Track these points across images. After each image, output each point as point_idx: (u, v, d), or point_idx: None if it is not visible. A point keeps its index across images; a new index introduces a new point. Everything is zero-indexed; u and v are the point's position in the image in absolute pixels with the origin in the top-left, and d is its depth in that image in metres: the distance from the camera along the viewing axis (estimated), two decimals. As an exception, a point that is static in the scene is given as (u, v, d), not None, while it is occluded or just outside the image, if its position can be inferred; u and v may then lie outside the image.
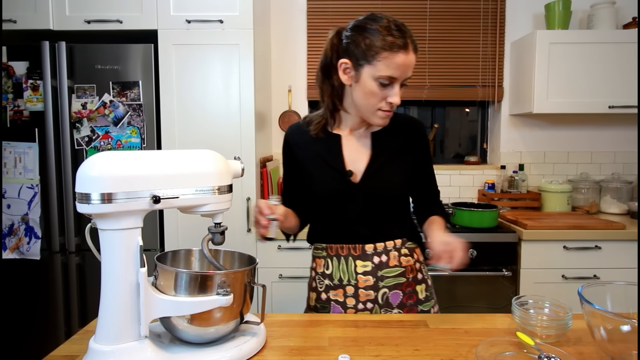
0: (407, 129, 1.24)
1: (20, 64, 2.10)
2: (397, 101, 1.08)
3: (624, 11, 2.70)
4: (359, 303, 1.20)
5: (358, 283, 1.19)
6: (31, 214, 2.15)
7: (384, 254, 1.20)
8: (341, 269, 1.21)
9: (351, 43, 1.09)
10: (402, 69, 1.05)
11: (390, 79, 1.06)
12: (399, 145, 1.22)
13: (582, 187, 2.71)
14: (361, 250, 1.20)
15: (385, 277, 1.20)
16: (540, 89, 2.45)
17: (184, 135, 2.17)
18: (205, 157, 0.92)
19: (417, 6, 2.74)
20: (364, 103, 1.11)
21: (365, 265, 1.19)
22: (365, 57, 1.06)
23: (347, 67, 1.10)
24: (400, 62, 1.04)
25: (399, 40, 1.04)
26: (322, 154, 1.21)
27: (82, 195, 0.80)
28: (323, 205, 1.23)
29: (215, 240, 0.96)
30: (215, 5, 2.13)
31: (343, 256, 1.21)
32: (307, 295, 1.32)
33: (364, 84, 1.08)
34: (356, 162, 1.20)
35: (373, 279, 1.19)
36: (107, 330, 0.84)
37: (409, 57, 1.05)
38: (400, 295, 1.21)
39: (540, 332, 0.98)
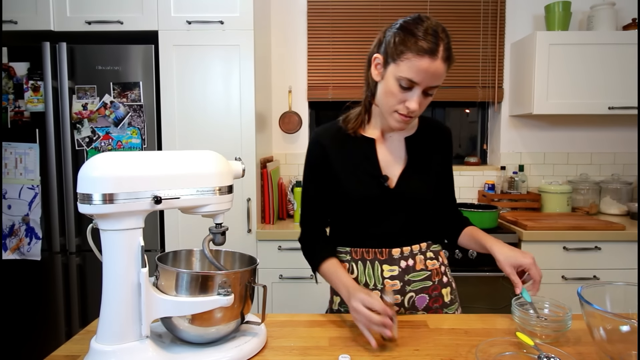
0: (438, 134, 1.24)
1: (21, 65, 2.11)
2: (413, 107, 1.04)
3: (623, 12, 2.71)
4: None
5: (385, 287, 1.18)
6: (32, 214, 2.15)
7: (411, 257, 1.19)
8: (367, 273, 1.19)
9: (387, 39, 1.06)
10: (423, 75, 1.00)
11: (410, 82, 1.02)
12: (431, 150, 1.22)
13: (582, 188, 2.72)
14: (388, 254, 1.18)
15: (412, 281, 1.19)
16: (540, 90, 2.46)
17: (184, 136, 2.18)
18: (207, 157, 0.92)
19: (417, 8, 2.74)
20: (383, 102, 1.09)
21: (392, 270, 1.18)
22: (392, 55, 1.03)
23: (378, 62, 1.09)
24: (423, 67, 0.99)
25: (428, 45, 0.99)
26: (356, 157, 1.18)
27: (83, 195, 0.80)
28: (354, 210, 1.19)
29: (216, 241, 0.96)
30: (215, 6, 2.13)
31: (369, 260, 1.19)
32: (330, 298, 1.31)
33: (386, 82, 1.06)
34: (391, 167, 1.18)
35: (400, 283, 1.18)
36: (109, 330, 0.84)
37: (435, 64, 0.99)
38: (427, 298, 1.20)
39: (540, 333, 0.98)
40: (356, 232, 1.21)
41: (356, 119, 1.20)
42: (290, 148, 2.84)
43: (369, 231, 1.20)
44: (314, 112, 2.93)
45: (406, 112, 1.06)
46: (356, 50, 2.76)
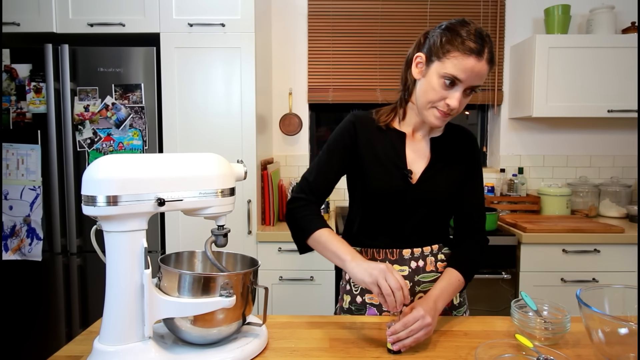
0: (463, 141, 1.25)
1: (24, 67, 2.12)
2: (454, 104, 1.05)
3: (622, 16, 2.72)
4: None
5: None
6: (33, 215, 2.16)
7: (421, 259, 1.20)
8: None
9: (431, 39, 1.09)
10: (468, 73, 1.03)
11: (454, 79, 1.04)
12: (454, 155, 1.22)
13: (581, 191, 2.73)
14: (398, 254, 1.20)
15: (422, 281, 1.20)
16: (540, 92, 2.47)
17: (185, 137, 2.19)
18: (209, 160, 0.93)
19: (417, 10, 2.76)
20: (422, 98, 1.11)
21: (402, 270, 1.19)
22: (437, 54, 1.06)
23: (420, 60, 1.11)
24: (468, 66, 1.02)
25: (475, 46, 1.02)
26: (385, 148, 1.19)
27: (88, 197, 0.81)
28: (373, 201, 1.19)
29: (218, 243, 0.97)
30: (217, 9, 2.14)
31: (379, 260, 1.20)
32: (340, 296, 1.30)
33: (429, 78, 1.08)
34: (415, 164, 1.19)
35: (410, 283, 1.19)
36: (112, 330, 0.85)
37: (480, 64, 1.03)
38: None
39: (539, 335, 0.99)
40: (370, 227, 1.22)
41: (389, 113, 1.22)
42: (290, 150, 2.85)
43: (383, 227, 1.20)
44: (314, 114, 2.94)
45: (446, 109, 1.07)
46: (356, 52, 2.77)
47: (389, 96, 2.75)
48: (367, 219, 1.23)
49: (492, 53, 1.05)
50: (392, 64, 2.76)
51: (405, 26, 2.76)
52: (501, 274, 2.21)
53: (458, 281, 1.15)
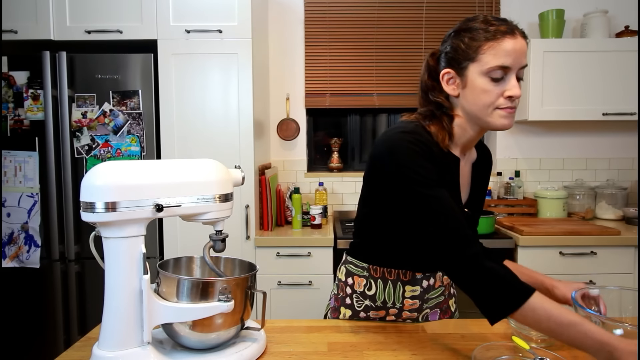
0: (487, 157, 1.20)
1: (21, 74, 2.12)
2: (516, 92, 0.93)
3: (616, 20, 2.75)
4: (397, 321, 1.18)
5: (404, 306, 1.16)
6: (31, 222, 2.16)
7: (432, 277, 1.17)
8: (387, 292, 1.15)
9: (449, 51, 0.99)
10: (513, 55, 0.92)
11: (502, 69, 0.92)
12: (483, 175, 1.18)
13: (578, 194, 2.74)
14: (411, 275, 1.14)
15: (430, 299, 1.18)
16: (535, 96, 2.49)
17: (183, 143, 2.19)
18: (207, 166, 0.94)
19: (413, 15, 2.78)
20: (478, 106, 0.97)
21: (414, 290, 1.15)
22: (468, 56, 0.95)
23: (450, 76, 1.00)
24: (509, 48, 0.91)
25: (502, 27, 0.92)
26: (446, 177, 1.03)
27: (86, 204, 0.82)
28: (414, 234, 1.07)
29: (217, 248, 0.98)
30: (214, 15, 2.16)
31: (391, 280, 1.14)
32: (334, 307, 1.23)
33: (472, 84, 0.96)
34: (462, 191, 1.12)
35: (419, 302, 1.16)
36: (111, 336, 0.85)
37: (519, 41, 0.92)
38: (439, 312, 1.21)
39: (535, 337, 0.99)
40: (396, 251, 1.11)
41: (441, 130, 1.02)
42: (288, 155, 2.86)
43: (413, 253, 1.11)
44: (311, 119, 2.96)
45: (510, 103, 0.95)
46: (353, 58, 2.79)
47: (385, 101, 2.77)
48: (396, 243, 1.11)
49: (521, 29, 0.95)
50: (388, 69, 2.78)
51: (401, 31, 2.78)
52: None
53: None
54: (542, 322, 0.82)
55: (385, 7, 2.77)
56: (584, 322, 0.79)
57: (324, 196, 2.71)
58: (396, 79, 2.78)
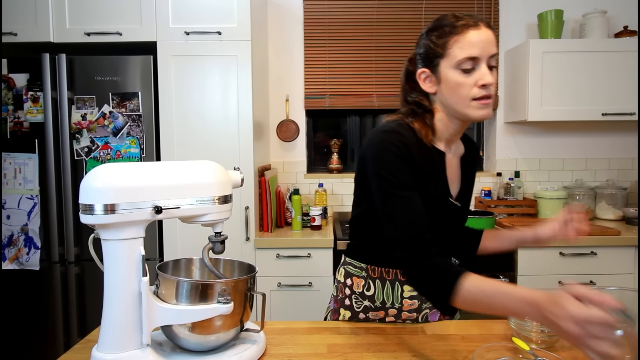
0: (474, 150, 1.22)
1: (21, 76, 2.13)
2: (488, 80, 0.96)
3: (615, 20, 2.75)
4: (397, 322, 1.17)
5: (403, 307, 1.15)
6: (31, 224, 2.16)
7: None
8: (385, 292, 1.15)
9: (422, 52, 1.05)
10: (479, 45, 0.96)
11: (471, 60, 0.96)
12: (471, 169, 1.19)
13: (578, 194, 2.74)
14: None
15: None
16: (534, 97, 2.49)
17: (182, 145, 2.19)
18: (206, 168, 0.94)
19: (412, 17, 2.78)
20: (454, 99, 1.00)
21: (413, 290, 1.14)
22: (438, 53, 1.00)
23: (425, 75, 1.05)
24: (474, 39, 0.96)
25: (466, 21, 0.97)
26: (431, 173, 1.06)
27: (85, 206, 0.82)
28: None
29: (216, 250, 0.98)
30: (213, 17, 2.16)
31: (389, 280, 1.15)
32: (334, 309, 1.23)
33: (446, 79, 1.00)
34: (451, 186, 1.12)
35: (418, 302, 1.16)
36: (110, 338, 0.85)
37: (482, 31, 0.97)
38: (439, 313, 1.20)
39: (535, 338, 0.99)
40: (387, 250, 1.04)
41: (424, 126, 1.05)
42: (287, 156, 2.86)
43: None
44: (311, 121, 2.96)
45: (484, 91, 0.98)
46: (352, 59, 2.79)
47: (385, 102, 2.77)
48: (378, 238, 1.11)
49: (485, 21, 0.99)
50: (388, 70, 2.78)
51: (400, 32, 2.78)
52: (499, 277, 2.22)
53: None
54: (480, 300, 0.83)
55: (384, 9, 2.77)
56: (516, 288, 0.80)
57: (323, 197, 2.71)
58: (395, 80, 2.78)
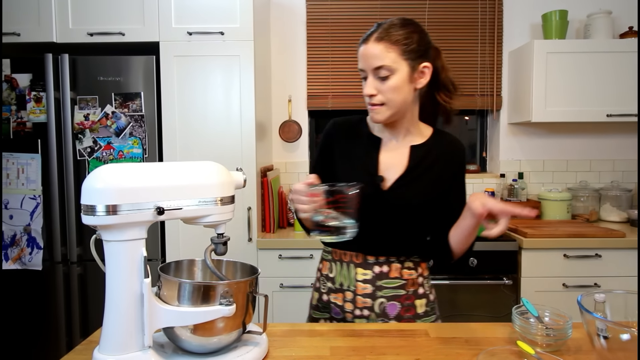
0: (449, 149, 1.22)
1: (24, 76, 2.13)
2: (365, 91, 1.12)
3: (620, 21, 2.73)
4: (356, 309, 1.20)
5: (357, 290, 1.19)
6: (33, 224, 2.16)
7: (386, 264, 1.20)
8: (342, 274, 1.22)
9: None
10: (362, 60, 1.12)
11: (361, 71, 1.14)
12: (437, 163, 1.19)
13: (582, 195, 2.72)
14: (363, 258, 1.20)
15: (384, 287, 1.19)
16: (539, 97, 2.48)
17: (185, 145, 2.19)
18: (208, 168, 0.93)
19: (416, 17, 2.75)
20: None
21: (365, 274, 1.19)
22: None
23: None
24: (361, 54, 1.12)
25: (366, 34, 1.12)
26: (359, 153, 1.22)
27: (87, 207, 0.81)
28: None
29: (218, 251, 0.97)
30: (216, 17, 2.16)
31: (345, 262, 1.21)
32: (311, 294, 1.33)
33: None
34: (389, 171, 1.18)
35: (371, 287, 1.19)
36: (112, 340, 0.85)
37: (367, 47, 1.10)
38: (398, 307, 1.20)
39: (540, 341, 0.98)
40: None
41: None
42: (290, 157, 2.85)
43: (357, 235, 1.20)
44: (313, 121, 2.95)
45: (368, 100, 1.13)
46: (355, 59, 2.77)
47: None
48: None
49: (385, 31, 1.09)
50: (391, 71, 2.77)
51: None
52: (502, 279, 2.20)
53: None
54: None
55: (387, 9, 2.76)
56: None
57: (326, 198, 2.70)
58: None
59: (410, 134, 1.22)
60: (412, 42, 1.09)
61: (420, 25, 1.14)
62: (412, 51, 1.09)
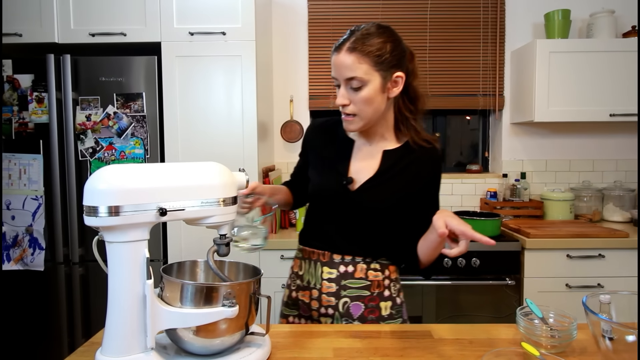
0: (424, 155, 1.20)
1: (26, 77, 2.13)
2: (337, 101, 1.11)
3: (623, 20, 2.72)
4: (321, 307, 1.21)
5: (322, 288, 1.21)
6: (35, 225, 2.16)
7: (351, 264, 1.20)
8: (310, 272, 1.24)
9: None
10: (334, 69, 1.10)
11: (334, 79, 1.12)
12: (407, 169, 1.18)
13: (585, 195, 2.71)
14: (329, 257, 1.22)
15: (348, 287, 1.20)
16: (541, 97, 2.47)
17: (187, 145, 2.19)
18: (211, 169, 0.92)
19: (418, 17, 2.77)
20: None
21: (331, 273, 1.21)
22: None
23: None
24: (333, 63, 1.10)
25: (337, 42, 1.10)
26: (332, 153, 1.24)
27: (89, 208, 0.81)
28: (313, 206, 1.29)
29: (221, 252, 0.97)
30: (217, 17, 2.15)
31: (313, 260, 1.24)
32: (284, 292, 1.37)
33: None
34: (360, 173, 1.19)
35: (336, 286, 1.20)
36: (114, 342, 0.84)
37: (339, 57, 1.08)
38: (362, 307, 1.20)
39: (545, 343, 0.98)
40: (311, 228, 1.28)
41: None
42: (292, 157, 2.85)
43: (320, 229, 1.24)
44: (315, 121, 2.94)
45: (341, 109, 1.13)
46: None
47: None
48: (309, 219, 1.30)
49: (359, 41, 1.06)
50: (392, 71, 2.76)
51: (405, 34, 2.72)
52: (505, 280, 2.20)
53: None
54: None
55: (389, 9, 2.76)
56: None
57: (328, 198, 2.70)
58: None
59: (384, 139, 1.21)
60: (385, 53, 1.07)
61: (394, 33, 1.12)
62: (385, 62, 1.07)
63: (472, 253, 2.19)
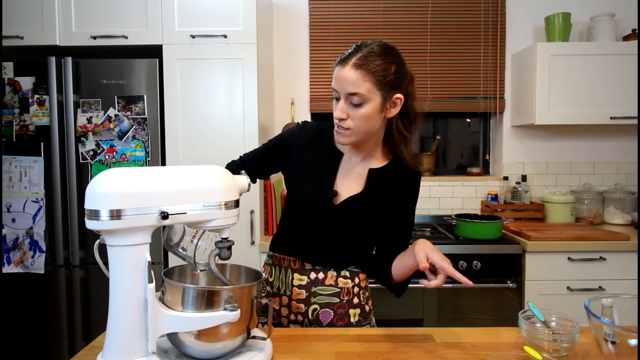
0: (406, 175, 1.21)
1: (27, 79, 2.13)
2: (335, 114, 1.10)
3: (623, 23, 2.72)
4: (291, 314, 1.23)
5: (292, 295, 1.22)
6: (36, 227, 2.16)
7: (322, 271, 1.22)
8: (280, 278, 1.25)
9: None
10: (336, 82, 1.08)
11: (334, 91, 1.10)
12: (389, 189, 1.20)
13: (586, 198, 2.71)
14: (300, 264, 1.23)
15: (318, 293, 1.21)
16: (542, 100, 2.47)
17: (188, 148, 2.19)
18: (212, 172, 0.92)
19: (418, 20, 2.77)
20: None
21: (302, 279, 1.22)
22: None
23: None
24: (336, 75, 1.08)
25: (342, 56, 1.08)
26: (318, 164, 1.22)
27: (91, 211, 0.81)
28: (292, 212, 1.26)
29: (222, 255, 0.96)
30: (219, 20, 2.15)
31: (284, 267, 1.25)
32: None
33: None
34: (345, 187, 1.20)
35: (306, 293, 1.21)
36: (115, 346, 0.84)
37: (343, 71, 1.06)
38: (331, 314, 1.21)
39: (547, 346, 0.97)
40: (285, 234, 1.27)
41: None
42: (293, 159, 2.85)
43: (296, 238, 1.24)
44: (316, 124, 2.94)
45: (337, 122, 1.11)
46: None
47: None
48: (283, 226, 1.29)
49: (364, 59, 1.05)
50: (393, 73, 2.76)
51: (406, 36, 2.77)
52: (506, 283, 2.19)
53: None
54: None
55: (390, 11, 2.76)
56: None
57: (329, 201, 2.70)
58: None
59: (371, 156, 1.22)
60: (389, 74, 1.07)
61: (399, 56, 1.12)
62: (388, 83, 1.07)
63: (474, 256, 2.19)
